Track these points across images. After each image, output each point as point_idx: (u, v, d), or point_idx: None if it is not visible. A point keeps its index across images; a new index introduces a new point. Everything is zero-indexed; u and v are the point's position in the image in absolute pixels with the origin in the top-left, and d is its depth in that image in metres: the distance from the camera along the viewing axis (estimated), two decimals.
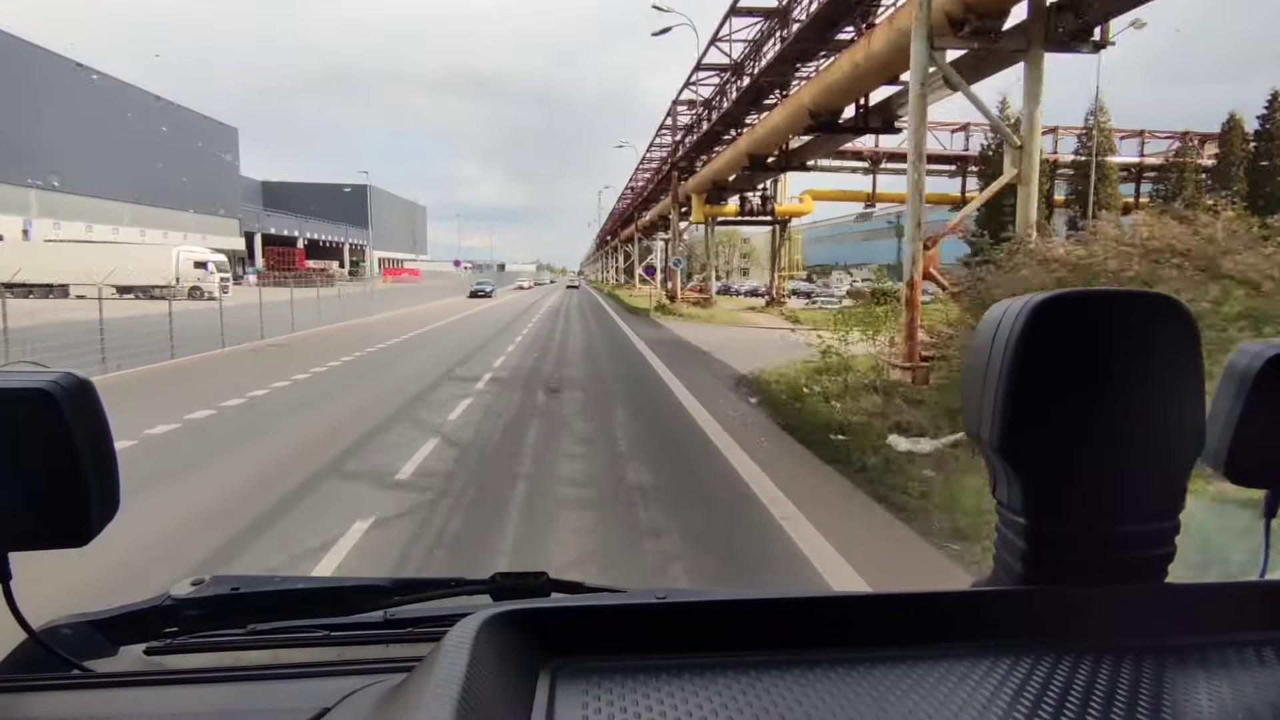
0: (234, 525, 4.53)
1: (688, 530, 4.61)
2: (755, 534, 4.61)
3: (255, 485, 5.46)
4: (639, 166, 48.21)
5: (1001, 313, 0.59)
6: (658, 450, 6.99)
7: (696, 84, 27.05)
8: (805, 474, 6.13)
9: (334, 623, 0.87)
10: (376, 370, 12.29)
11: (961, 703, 0.47)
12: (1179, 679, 0.50)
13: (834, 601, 0.60)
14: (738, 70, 22.49)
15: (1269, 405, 0.60)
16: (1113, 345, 0.55)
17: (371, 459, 6.32)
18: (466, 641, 0.48)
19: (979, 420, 0.59)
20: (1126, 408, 0.55)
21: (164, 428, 7.27)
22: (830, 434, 7.17)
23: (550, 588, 0.95)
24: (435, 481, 5.59)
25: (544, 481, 5.75)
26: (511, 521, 4.76)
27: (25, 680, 0.66)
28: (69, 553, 0.60)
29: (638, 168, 48.75)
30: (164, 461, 6.10)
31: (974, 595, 0.59)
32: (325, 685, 0.64)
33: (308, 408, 8.84)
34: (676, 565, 4.02)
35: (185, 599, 0.87)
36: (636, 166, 48.70)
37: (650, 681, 0.49)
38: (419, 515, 4.80)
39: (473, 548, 4.30)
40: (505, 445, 6.93)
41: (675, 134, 32.53)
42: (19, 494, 0.59)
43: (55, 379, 0.59)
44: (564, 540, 4.42)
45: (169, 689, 0.67)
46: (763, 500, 5.24)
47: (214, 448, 6.72)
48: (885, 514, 4.99)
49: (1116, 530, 0.57)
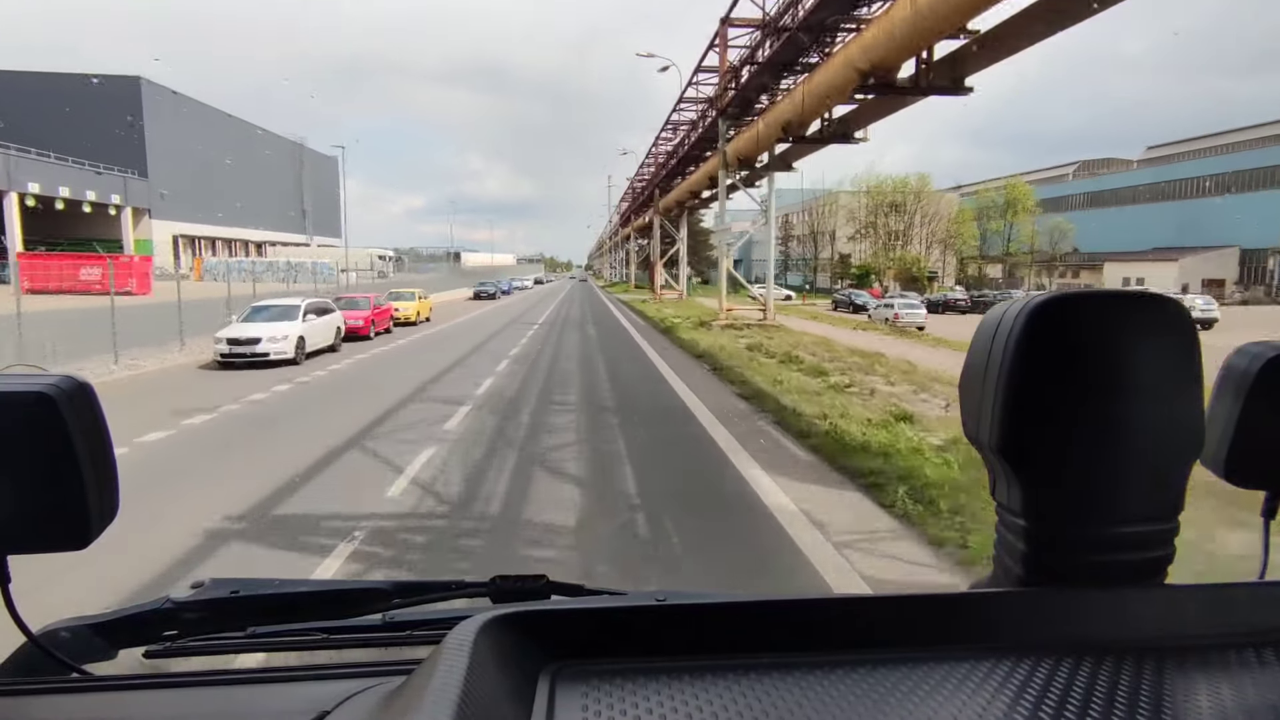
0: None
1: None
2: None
3: None
4: (668, 122, 35.85)
5: (1001, 314, 0.58)
6: None
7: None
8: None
9: (333, 625, 0.87)
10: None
11: (961, 705, 0.47)
12: (1179, 681, 0.50)
13: (834, 604, 0.60)
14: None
15: (1268, 406, 0.61)
16: (1112, 346, 0.55)
17: None
18: (466, 644, 0.48)
19: (978, 421, 0.59)
20: (1126, 409, 0.55)
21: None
22: None
23: (550, 590, 0.95)
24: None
25: None
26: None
27: (24, 684, 0.66)
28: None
29: (664, 127, 37.19)
30: None
31: (973, 597, 0.59)
32: (324, 688, 0.63)
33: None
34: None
35: (184, 602, 0.87)
36: (663, 125, 36.95)
37: (650, 684, 0.49)
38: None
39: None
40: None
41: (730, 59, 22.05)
42: (18, 497, 0.58)
43: (55, 382, 0.59)
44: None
45: (168, 692, 0.67)
46: None
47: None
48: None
49: (1116, 532, 0.57)
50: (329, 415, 9.15)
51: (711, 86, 26.95)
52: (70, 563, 3.39)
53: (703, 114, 28.31)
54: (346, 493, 5.77)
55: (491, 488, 6.01)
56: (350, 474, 6.40)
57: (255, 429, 8.49)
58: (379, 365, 14.30)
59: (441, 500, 5.64)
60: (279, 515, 5.20)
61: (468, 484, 6.07)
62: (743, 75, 21.35)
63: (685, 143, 33.35)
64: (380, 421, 8.52)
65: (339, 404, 10.14)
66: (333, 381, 12.12)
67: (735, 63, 21.92)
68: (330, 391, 11.20)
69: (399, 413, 9.12)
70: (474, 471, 6.46)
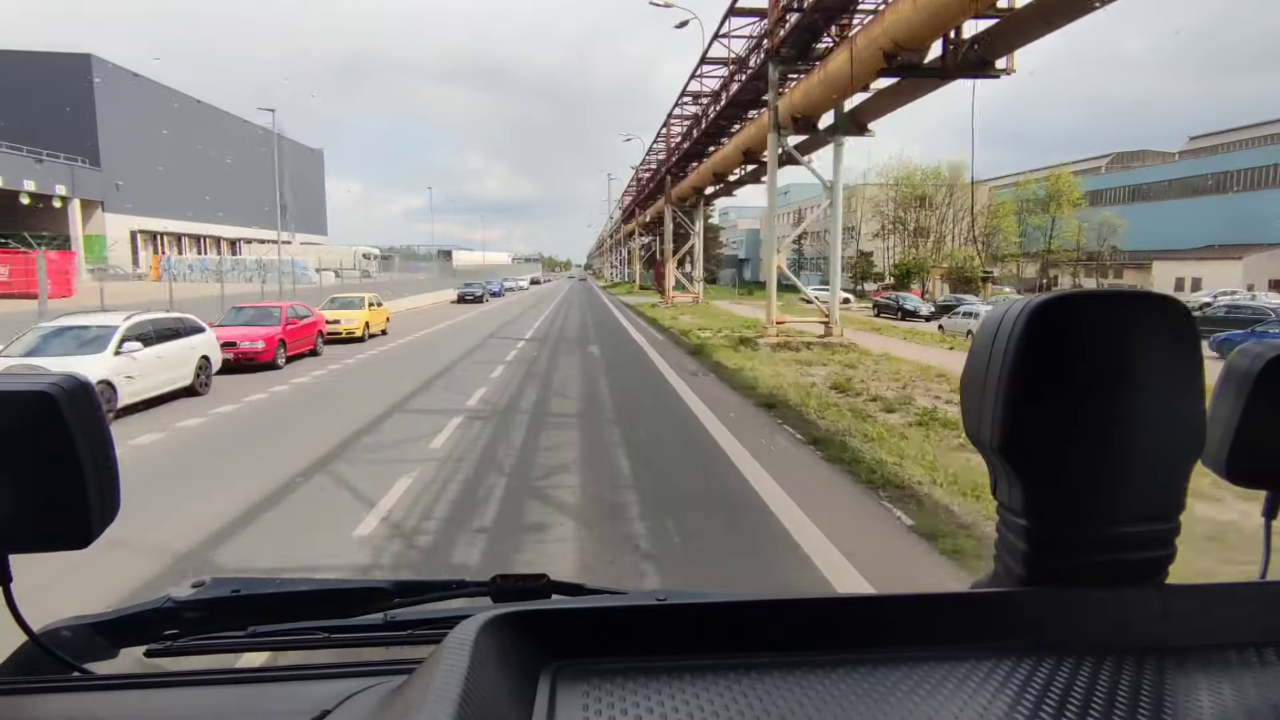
0: None
1: None
2: None
3: None
4: (684, 92, 29.09)
5: (1002, 314, 0.58)
6: None
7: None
8: None
9: (334, 624, 0.86)
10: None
11: (962, 705, 0.47)
12: (1180, 681, 0.50)
13: (835, 603, 0.59)
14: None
15: (1269, 407, 0.60)
16: (1113, 346, 0.55)
17: None
18: (467, 643, 0.48)
19: (979, 421, 0.58)
20: (1126, 409, 0.55)
21: None
22: None
23: (550, 589, 0.94)
24: None
25: None
26: None
27: (25, 683, 0.66)
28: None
29: (678, 100, 30.38)
30: None
31: (974, 597, 0.58)
32: (325, 687, 0.63)
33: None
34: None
35: (185, 601, 0.86)
36: (678, 96, 30.03)
37: (651, 683, 0.49)
38: None
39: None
40: None
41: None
42: (19, 496, 0.58)
43: (56, 381, 0.59)
44: None
45: (169, 691, 0.66)
46: None
47: None
48: None
49: (1117, 532, 0.57)
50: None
51: (743, 40, 21.46)
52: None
53: (737, 68, 21.93)
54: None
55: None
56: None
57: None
58: (241, 430, 8.44)
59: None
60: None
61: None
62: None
63: (707, 115, 26.48)
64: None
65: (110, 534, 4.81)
66: (138, 466, 6.60)
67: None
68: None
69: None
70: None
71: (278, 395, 10.51)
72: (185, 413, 9.16)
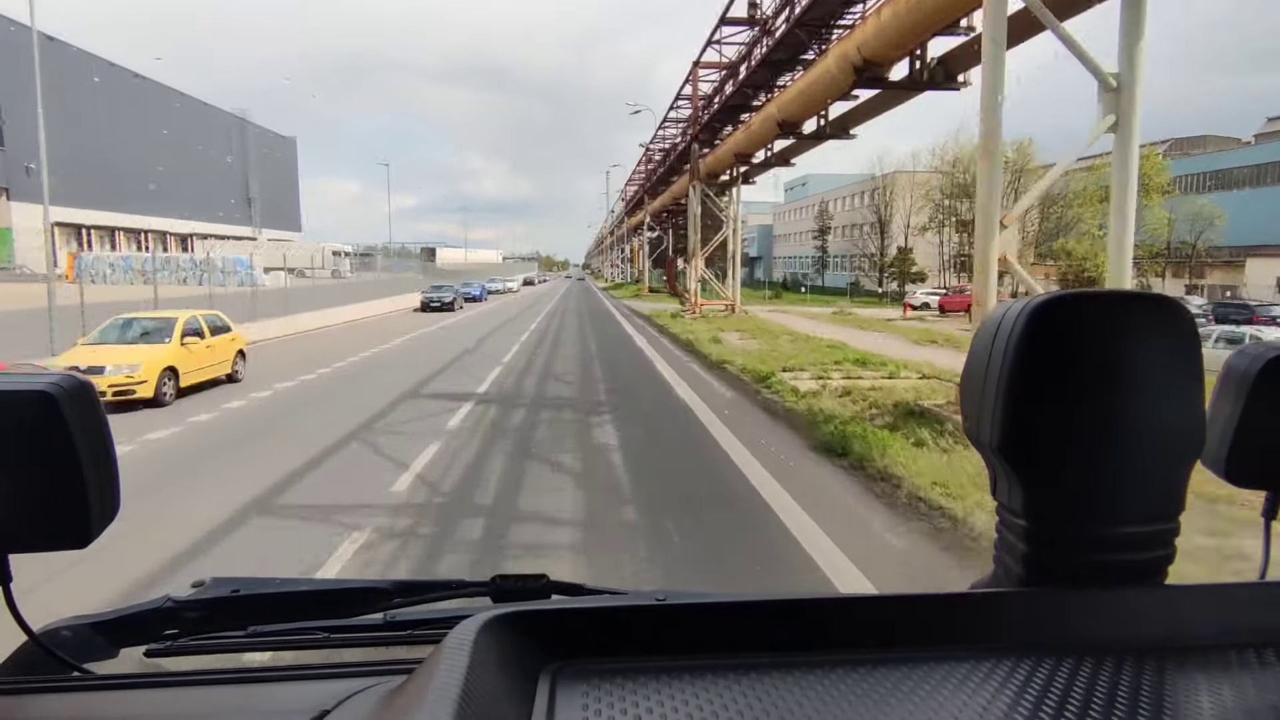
0: None
1: None
2: None
3: None
4: (711, 40, 23.04)
5: (1002, 314, 0.58)
6: None
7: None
8: None
9: (334, 625, 0.86)
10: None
11: (962, 705, 0.47)
12: (1179, 681, 0.50)
13: (834, 603, 0.59)
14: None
15: (1268, 407, 0.60)
16: (1112, 346, 0.55)
17: None
18: (467, 643, 0.48)
19: (979, 421, 0.58)
20: (1126, 409, 0.55)
21: None
22: None
23: (550, 590, 0.94)
24: None
25: None
26: None
27: (25, 682, 0.66)
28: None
29: (703, 50, 24.09)
30: None
31: (974, 597, 0.58)
32: (325, 687, 0.63)
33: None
34: None
35: (185, 601, 0.86)
36: (702, 47, 23.96)
37: (650, 683, 0.49)
38: None
39: None
40: None
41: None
42: (19, 496, 0.58)
43: (56, 380, 0.58)
44: None
45: (169, 691, 0.66)
46: None
47: None
48: None
49: (1117, 532, 0.56)
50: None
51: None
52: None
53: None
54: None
55: None
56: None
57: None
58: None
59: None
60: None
61: None
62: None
63: (757, 49, 18.25)
64: None
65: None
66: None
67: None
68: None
69: None
70: None
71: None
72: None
